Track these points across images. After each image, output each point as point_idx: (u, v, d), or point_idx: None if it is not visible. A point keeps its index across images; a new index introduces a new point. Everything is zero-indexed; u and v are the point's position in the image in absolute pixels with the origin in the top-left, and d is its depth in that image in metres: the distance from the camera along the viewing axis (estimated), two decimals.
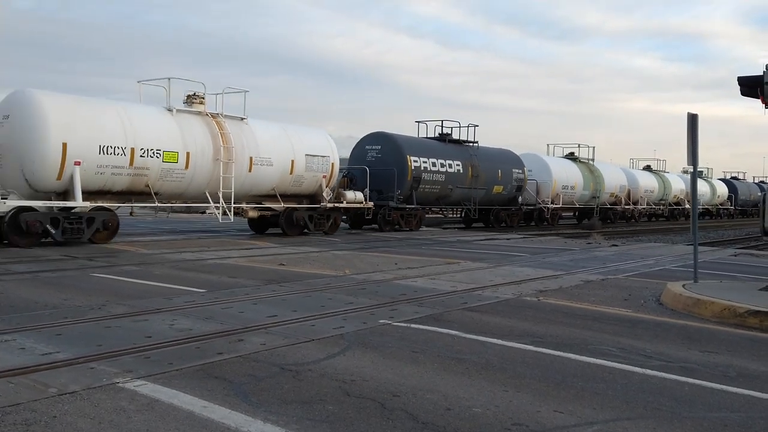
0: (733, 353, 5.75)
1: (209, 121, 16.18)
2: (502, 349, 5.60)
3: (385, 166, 21.28)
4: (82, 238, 13.83)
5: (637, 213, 37.33)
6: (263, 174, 17.13)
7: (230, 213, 16.33)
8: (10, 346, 5.27)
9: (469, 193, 24.51)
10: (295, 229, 18.05)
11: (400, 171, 21.44)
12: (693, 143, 9.40)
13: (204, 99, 16.43)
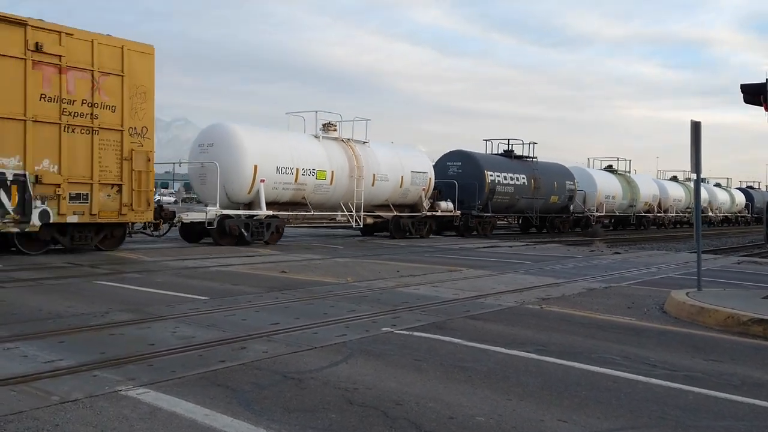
0: (737, 362, 5.73)
1: (344, 145, 19.96)
2: (505, 358, 5.58)
3: (466, 180, 24.81)
4: (263, 239, 17.15)
5: (667, 220, 40.57)
6: (381, 188, 20.85)
7: (360, 221, 20.05)
8: (12, 353, 5.27)
9: (531, 202, 28.18)
10: (400, 233, 21.56)
11: (480, 184, 25.18)
12: (696, 151, 9.40)
13: (336, 126, 20.20)
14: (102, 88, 13.18)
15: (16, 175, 11.99)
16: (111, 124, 13.35)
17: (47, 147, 12.42)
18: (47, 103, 12.40)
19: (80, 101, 12.86)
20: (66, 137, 12.65)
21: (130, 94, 13.64)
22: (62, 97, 12.58)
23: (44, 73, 12.37)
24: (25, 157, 12.09)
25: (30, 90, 12.12)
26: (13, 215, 11.96)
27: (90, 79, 13.00)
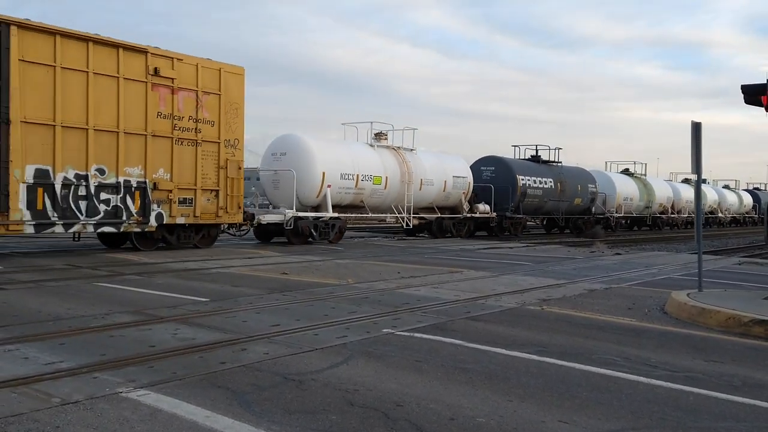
0: (738, 362, 5.72)
1: (395, 152, 21.88)
2: (506, 359, 5.58)
3: (499, 184, 26.48)
4: (329, 239, 18.97)
5: (680, 221, 42.30)
6: (428, 191, 22.68)
7: (410, 221, 22.01)
8: (13, 355, 5.27)
9: (557, 204, 29.91)
10: (442, 233, 23.54)
11: (512, 187, 26.76)
12: (697, 151, 9.40)
13: (387, 135, 22.20)
14: (204, 105, 15.12)
15: (139, 182, 13.92)
16: (210, 137, 15.28)
17: (162, 158, 14.33)
18: (162, 119, 14.31)
19: (187, 117, 14.80)
20: (176, 149, 14.57)
21: (225, 110, 15.57)
22: (174, 114, 14.52)
23: (160, 93, 14.28)
24: (145, 166, 13.98)
25: (149, 109, 14.03)
26: (136, 217, 13.90)
27: (195, 98, 14.94)
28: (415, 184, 21.90)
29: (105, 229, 13.72)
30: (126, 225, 13.81)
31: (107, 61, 13.37)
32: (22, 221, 12.18)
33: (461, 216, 24.10)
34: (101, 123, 13.27)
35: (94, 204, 13.19)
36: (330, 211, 19.00)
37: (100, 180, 13.26)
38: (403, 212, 21.79)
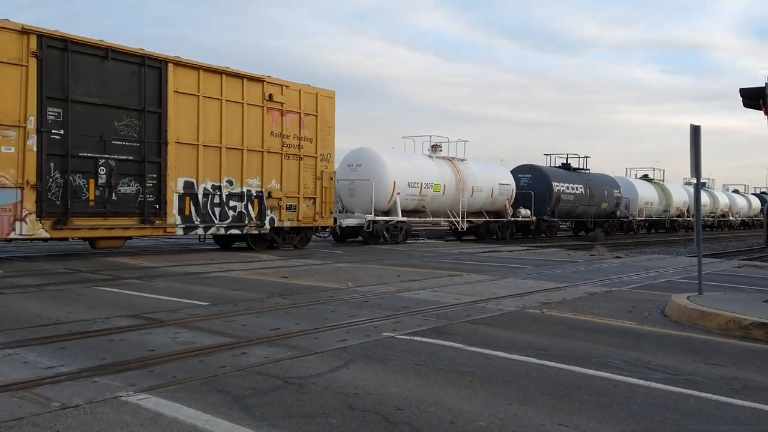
0: (738, 365, 5.72)
1: (450, 162, 24.59)
2: (506, 362, 5.58)
3: (537, 190, 28.90)
4: (397, 240, 21.43)
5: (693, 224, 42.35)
6: (477, 198, 25.29)
7: (464, 224, 24.53)
8: (13, 359, 5.27)
9: (587, 209, 32.67)
10: (488, 236, 26.06)
11: (549, 193, 29.21)
12: (696, 155, 9.41)
13: (442, 147, 24.73)
14: (305, 125, 17.54)
15: (257, 191, 16.39)
16: (310, 152, 17.72)
17: (274, 171, 16.78)
18: (274, 138, 16.78)
19: (292, 136, 17.26)
20: (284, 163, 17.05)
21: (321, 129, 17.96)
22: (282, 133, 16.98)
23: (273, 116, 16.73)
24: (262, 178, 16.46)
25: (265, 129, 16.51)
26: (255, 221, 16.37)
27: (298, 119, 17.39)
28: (468, 191, 24.61)
29: (232, 231, 16.04)
30: (247, 228, 16.28)
31: (235, 89, 15.85)
32: (175, 225, 14.67)
33: (505, 219, 26.89)
34: (231, 142, 15.77)
35: (224, 210, 15.68)
36: (399, 215, 21.70)
37: (229, 190, 15.77)
38: (456, 216, 24.47)
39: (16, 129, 12.16)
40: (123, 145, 13.74)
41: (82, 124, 13.10)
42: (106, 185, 13.47)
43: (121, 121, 13.70)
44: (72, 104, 12.91)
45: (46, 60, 12.54)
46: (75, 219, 13.03)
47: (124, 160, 13.72)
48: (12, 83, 12.09)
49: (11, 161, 12.05)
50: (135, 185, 13.91)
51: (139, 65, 14.03)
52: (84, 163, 13.13)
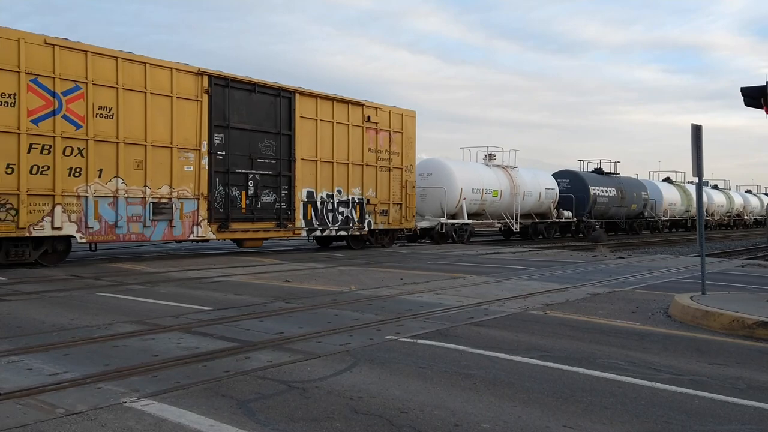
0: (742, 365, 5.71)
1: (504, 170, 27.60)
2: (510, 364, 5.57)
3: (576, 193, 31.90)
4: (463, 240, 24.24)
5: (714, 223, 48.06)
6: (527, 201, 28.22)
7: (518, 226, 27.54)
8: (17, 366, 5.28)
9: (619, 210, 35.66)
10: (535, 236, 29.04)
11: (586, 196, 32.15)
12: (698, 154, 9.40)
13: (496, 156, 28.15)
14: (393, 141, 20.45)
15: (359, 199, 19.24)
16: (397, 164, 20.63)
17: (370, 181, 19.65)
18: (371, 153, 19.67)
19: (384, 151, 20.16)
20: (379, 174, 19.95)
21: (405, 144, 20.90)
22: (377, 149, 19.88)
23: (370, 134, 19.60)
24: (362, 187, 19.34)
25: (364, 145, 19.41)
26: (357, 224, 19.23)
27: (388, 136, 20.33)
28: (520, 196, 27.55)
29: (341, 233, 18.94)
30: (352, 230, 19.14)
31: (342, 113, 18.75)
32: (301, 227, 17.69)
33: (550, 221, 29.87)
34: (339, 157, 18.61)
35: (335, 215, 18.55)
36: (466, 218, 24.73)
37: (338, 198, 18.62)
38: (510, 218, 27.54)
39: (194, 152, 15.24)
40: (264, 162, 16.79)
41: (237, 146, 16.17)
42: (253, 196, 16.54)
43: (263, 142, 16.73)
44: (231, 130, 15.99)
45: (213, 95, 15.58)
46: (233, 223, 16.07)
47: (265, 174, 16.81)
48: (191, 115, 15.16)
49: (190, 177, 15.15)
50: (272, 195, 17.01)
51: (275, 96, 17.00)
52: (238, 178, 16.24)
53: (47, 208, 12.81)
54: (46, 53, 12.81)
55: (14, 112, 12.36)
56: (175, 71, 14.85)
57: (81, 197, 13.27)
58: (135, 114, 14.10)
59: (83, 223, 13.32)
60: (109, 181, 13.69)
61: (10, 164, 12.29)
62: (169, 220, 14.74)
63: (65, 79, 13.05)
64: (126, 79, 13.93)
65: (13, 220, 12.35)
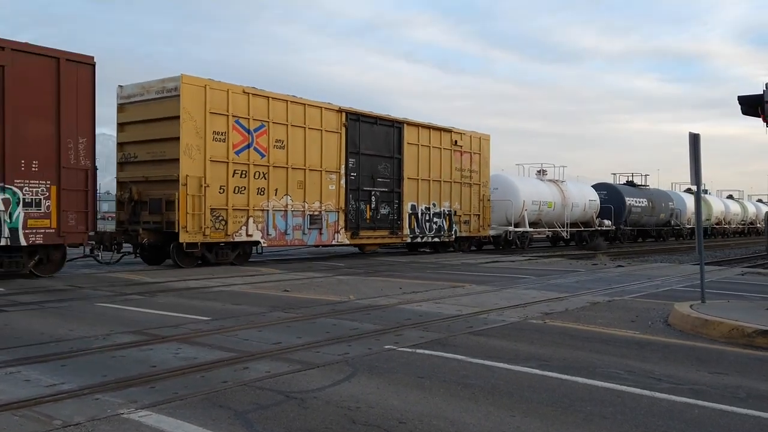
0: (742, 374, 5.69)
1: (555, 184, 30.97)
2: (509, 374, 5.55)
3: (614, 204, 35.17)
4: (523, 246, 27.34)
5: (730, 231, 51.16)
6: (575, 211, 31.53)
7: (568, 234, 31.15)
8: (15, 378, 5.26)
9: (649, 219, 38.91)
10: (580, 242, 32.03)
11: (623, 207, 35.57)
12: (696, 163, 9.41)
13: (547, 171, 31.49)
14: (473, 161, 23.91)
15: (448, 211, 22.85)
16: (475, 181, 24.07)
17: (456, 196, 23.14)
18: (456, 171, 23.10)
19: (466, 169, 23.61)
20: (462, 189, 23.44)
21: (482, 163, 24.39)
22: (461, 168, 23.35)
23: (456, 156, 23.13)
24: (450, 201, 22.93)
25: (452, 165, 22.98)
26: (447, 232, 22.83)
27: (469, 157, 23.74)
28: (569, 207, 30.85)
29: (435, 240, 22.51)
30: (442, 237, 22.70)
31: (435, 138, 22.35)
32: (407, 235, 21.30)
33: (592, 228, 33.00)
34: (434, 176, 22.25)
35: (431, 225, 22.19)
36: (527, 227, 27.91)
37: (433, 210, 22.22)
38: (561, 227, 30.87)
39: (335, 173, 18.85)
40: (382, 181, 20.45)
41: (364, 168, 19.77)
42: (374, 209, 20.14)
43: (381, 165, 20.39)
44: (360, 156, 19.60)
45: (349, 128, 19.18)
46: (361, 231, 19.73)
47: (382, 191, 20.48)
48: (333, 144, 18.79)
49: (333, 194, 18.78)
50: (387, 208, 20.66)
51: (389, 126, 20.67)
52: (365, 194, 19.85)
53: (243, 219, 16.42)
54: (243, 99, 16.39)
55: (224, 146, 15.94)
56: (323, 110, 18.50)
57: (264, 211, 16.89)
58: (298, 144, 17.76)
59: (265, 231, 16.94)
60: (281, 198, 17.37)
61: (221, 186, 15.87)
62: (319, 229, 18.35)
63: (255, 119, 16.66)
64: (292, 117, 17.60)
65: (223, 228, 15.95)
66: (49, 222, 12.60)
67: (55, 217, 12.66)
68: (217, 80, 15.94)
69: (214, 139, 15.66)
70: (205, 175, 15.46)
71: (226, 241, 16.05)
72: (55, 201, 12.65)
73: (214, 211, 15.64)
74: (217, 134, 15.74)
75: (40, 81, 12.56)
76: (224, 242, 16.07)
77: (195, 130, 15.32)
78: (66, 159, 12.82)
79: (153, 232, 15.42)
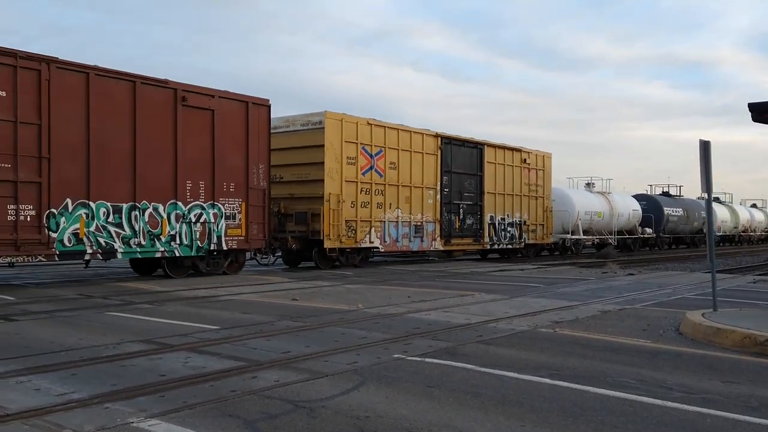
0: (754, 383, 5.63)
1: (602, 195, 34.25)
2: (519, 383, 5.52)
3: (653, 213, 38.13)
4: (576, 252, 30.57)
5: (755, 238, 54.08)
6: (620, 221, 34.57)
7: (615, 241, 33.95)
8: (25, 387, 5.28)
9: (684, 227, 41.79)
10: (625, 249, 35.32)
11: (661, 216, 38.56)
12: (706, 170, 9.36)
13: (595, 183, 35.00)
14: (538, 176, 26.83)
15: (519, 221, 25.74)
16: (540, 194, 26.99)
17: (525, 207, 26.14)
18: (525, 186, 26.10)
19: (533, 184, 26.52)
20: (530, 202, 26.42)
21: (545, 178, 27.34)
22: (529, 183, 26.30)
23: (525, 172, 26.09)
24: (521, 212, 25.85)
25: (522, 181, 25.92)
26: (518, 240, 25.79)
27: (535, 173, 26.70)
28: (615, 216, 33.82)
29: (508, 247, 25.42)
30: (514, 244, 25.64)
31: (509, 157, 25.27)
32: (487, 242, 24.26)
33: (635, 236, 36.16)
34: (507, 190, 25.14)
35: (505, 233, 25.09)
36: (581, 234, 31.11)
37: (507, 220, 25.16)
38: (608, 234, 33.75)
39: (433, 190, 21.91)
40: (467, 195, 23.38)
41: (454, 184, 22.77)
42: (462, 219, 23.17)
43: (466, 181, 23.33)
44: (451, 174, 22.63)
45: (443, 150, 22.26)
46: (452, 239, 22.79)
47: (468, 204, 23.44)
48: (431, 164, 21.83)
49: (431, 207, 21.90)
50: (471, 219, 23.62)
51: (473, 148, 23.67)
52: (454, 207, 22.88)
53: (367, 229, 19.58)
54: (367, 129, 19.63)
55: (354, 168, 19.17)
56: (424, 135, 21.62)
57: (381, 222, 20.04)
58: (405, 165, 20.90)
59: (383, 238, 20.12)
60: (393, 211, 20.52)
61: (352, 201, 19.02)
62: (421, 237, 21.48)
63: (375, 145, 19.84)
64: (401, 143, 20.78)
65: (353, 236, 19.11)
66: (240, 231, 15.96)
67: (245, 227, 16.02)
68: (349, 115, 19.22)
69: (347, 162, 18.95)
70: (342, 192, 18.72)
71: (353, 246, 19.24)
72: (244, 214, 16.02)
73: (348, 222, 18.88)
74: (349, 159, 19.00)
75: (235, 121, 15.83)
76: (351, 247, 19.24)
77: (334, 156, 18.59)
78: (252, 181, 16.17)
79: (298, 239, 18.67)
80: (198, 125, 15.02)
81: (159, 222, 14.35)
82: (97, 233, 13.35)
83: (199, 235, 15.07)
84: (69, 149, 12.95)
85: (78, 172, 13.09)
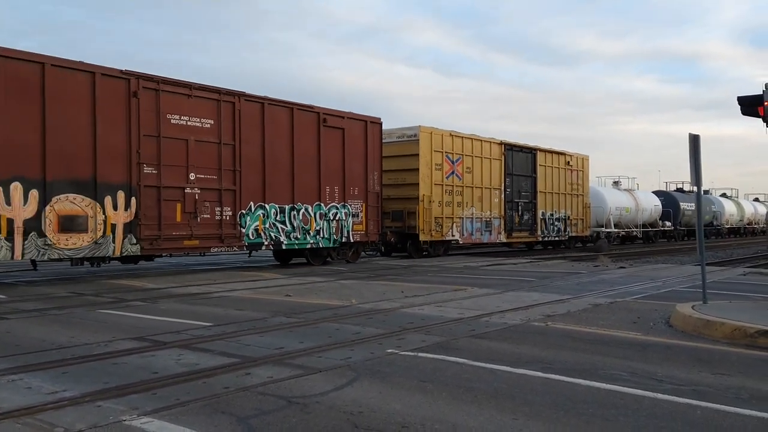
0: (745, 375, 5.68)
1: (628, 192, 37.77)
2: (511, 377, 5.55)
3: (671, 208, 42.14)
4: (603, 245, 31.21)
5: (758, 230, 56.75)
6: (644, 215, 38.26)
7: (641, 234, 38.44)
8: (16, 385, 5.26)
9: None
10: (647, 240, 39.48)
11: (678, 210, 42.63)
12: (696, 164, 9.41)
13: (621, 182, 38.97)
14: (578, 176, 29.90)
15: (564, 216, 28.91)
16: (579, 192, 30.19)
17: (569, 204, 29.30)
18: (568, 185, 29.17)
19: (575, 183, 29.66)
20: (572, 199, 29.53)
21: (584, 178, 30.54)
22: (571, 182, 29.37)
23: (568, 173, 29.21)
24: (565, 208, 29.03)
25: (566, 180, 29.09)
26: (563, 233, 28.92)
27: (576, 173, 29.72)
28: (641, 212, 37.52)
29: (555, 239, 28.61)
30: (560, 237, 28.77)
31: (556, 160, 28.47)
32: (540, 235, 27.53)
33: (656, 229, 40.04)
34: (555, 189, 28.34)
35: (553, 227, 28.40)
36: (613, 228, 34.57)
37: (555, 216, 28.31)
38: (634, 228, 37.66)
39: (498, 190, 25.19)
40: (524, 194, 26.66)
41: (514, 185, 26.06)
42: (521, 215, 26.48)
43: (523, 182, 26.58)
44: (512, 176, 25.87)
45: (506, 155, 25.52)
46: (513, 233, 26.02)
47: (525, 202, 26.66)
48: (497, 168, 25.14)
49: (497, 205, 25.15)
50: (527, 215, 26.82)
51: (528, 153, 26.80)
52: (514, 205, 26.08)
53: (450, 224, 22.90)
54: (449, 139, 22.94)
55: (440, 173, 22.46)
56: (492, 144, 24.91)
57: (460, 218, 23.32)
58: (477, 169, 24.17)
59: (461, 232, 23.40)
60: (469, 209, 23.81)
61: (439, 201, 22.31)
62: (490, 231, 24.82)
63: (455, 153, 23.11)
64: (474, 150, 24.04)
65: (440, 231, 22.43)
66: (362, 227, 19.47)
67: (365, 224, 19.53)
68: (437, 128, 22.44)
69: (435, 168, 22.22)
70: (432, 194, 22.04)
71: (438, 239, 22.47)
72: (365, 213, 19.53)
73: (436, 219, 22.21)
74: (436, 165, 22.30)
75: (357, 136, 19.29)
76: (438, 240, 22.49)
77: (426, 163, 21.91)
78: (370, 186, 19.72)
79: (395, 233, 21.99)
80: (333, 141, 18.53)
81: (309, 220, 17.93)
82: (270, 229, 16.89)
83: (335, 230, 18.59)
84: (252, 163, 16.48)
85: (257, 181, 16.63)
